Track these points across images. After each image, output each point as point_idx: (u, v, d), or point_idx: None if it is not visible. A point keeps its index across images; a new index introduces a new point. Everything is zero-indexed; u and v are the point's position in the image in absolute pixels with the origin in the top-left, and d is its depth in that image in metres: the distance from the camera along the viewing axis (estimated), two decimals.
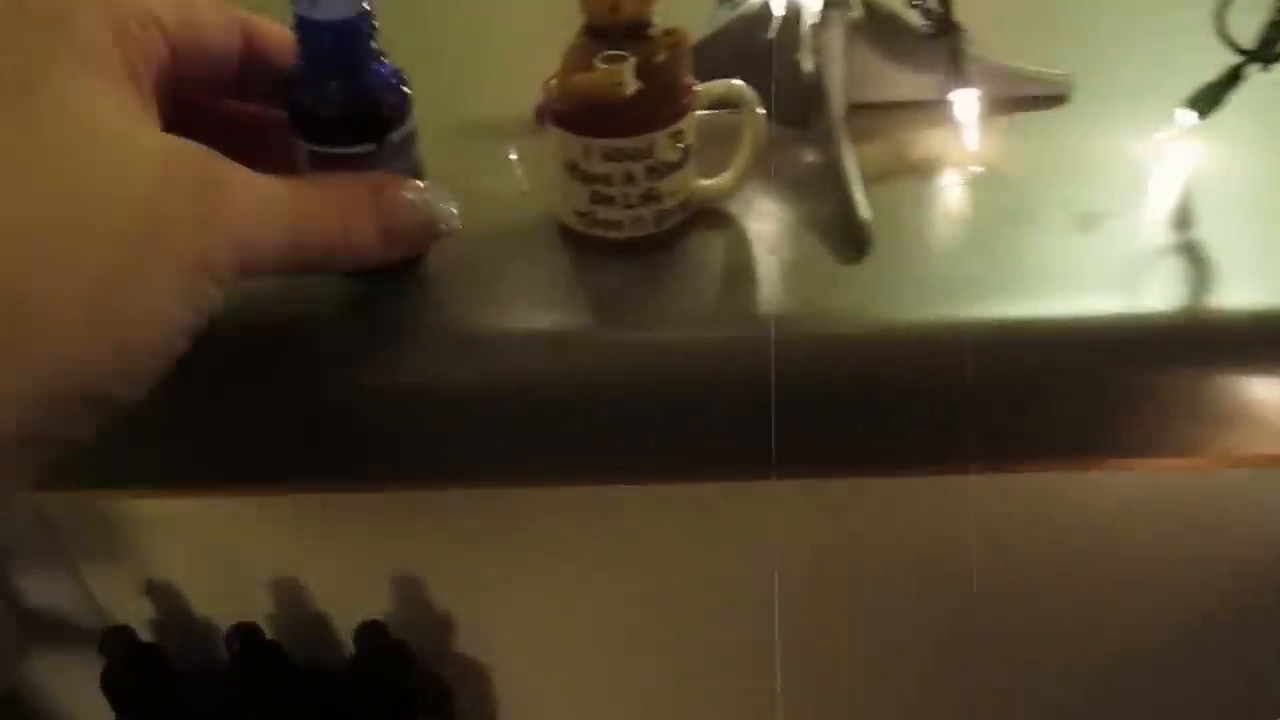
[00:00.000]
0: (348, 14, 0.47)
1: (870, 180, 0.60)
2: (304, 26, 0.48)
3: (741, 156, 0.58)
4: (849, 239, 0.56)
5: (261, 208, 0.43)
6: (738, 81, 0.56)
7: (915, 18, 0.67)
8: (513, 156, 0.65)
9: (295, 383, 0.52)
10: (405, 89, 0.51)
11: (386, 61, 0.51)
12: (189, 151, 0.41)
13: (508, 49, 0.81)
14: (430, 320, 0.53)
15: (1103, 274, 0.55)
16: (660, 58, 0.52)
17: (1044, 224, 0.58)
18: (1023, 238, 0.57)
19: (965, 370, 0.51)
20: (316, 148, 0.50)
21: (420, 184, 0.51)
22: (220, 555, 0.66)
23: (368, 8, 0.49)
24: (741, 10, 0.66)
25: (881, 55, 0.67)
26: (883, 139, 0.66)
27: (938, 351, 0.52)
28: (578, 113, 0.53)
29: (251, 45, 0.49)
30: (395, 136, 0.51)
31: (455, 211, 0.52)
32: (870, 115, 0.67)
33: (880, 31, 0.66)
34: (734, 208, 0.60)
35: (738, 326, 0.52)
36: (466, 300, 0.54)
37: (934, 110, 0.68)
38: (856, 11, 0.63)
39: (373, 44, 0.49)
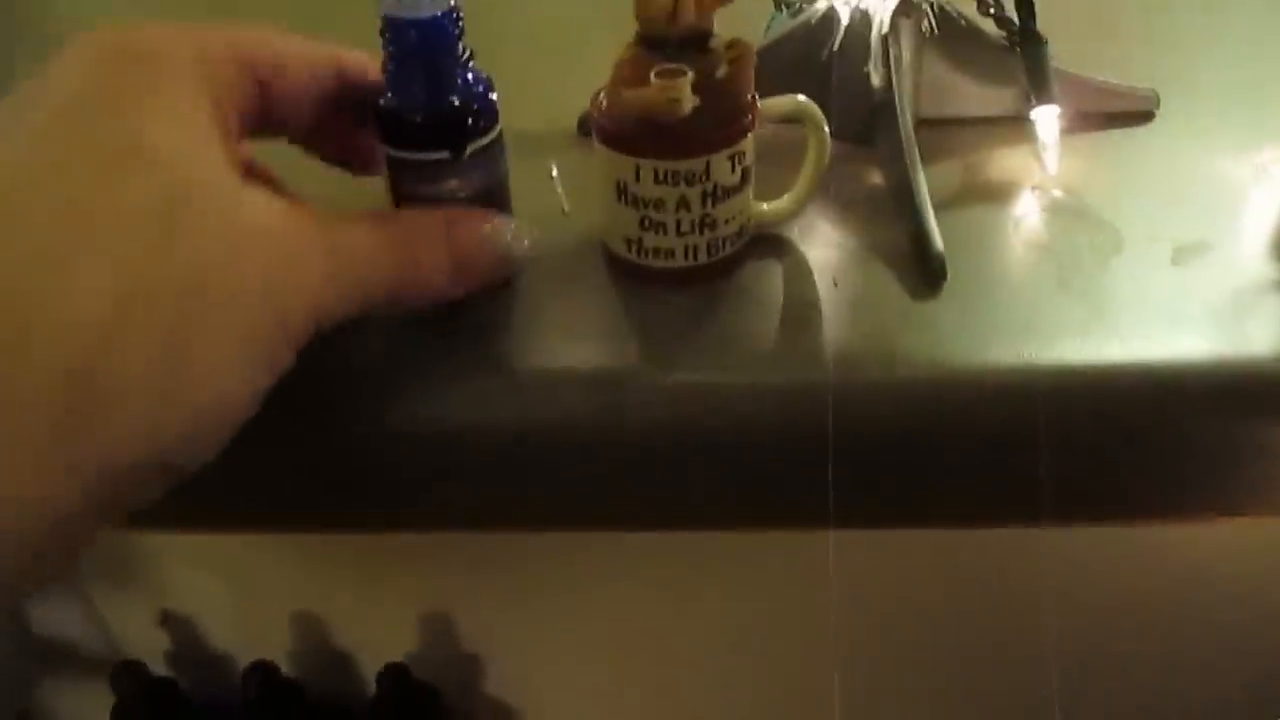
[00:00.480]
0: (433, 12, 0.45)
1: (941, 204, 0.55)
2: (390, 26, 0.45)
3: (804, 179, 0.53)
4: (921, 271, 0.52)
5: (338, 269, 0.41)
6: (803, 98, 0.51)
7: (991, 27, 0.62)
8: (553, 173, 0.61)
9: (325, 424, 0.48)
10: (492, 96, 0.48)
11: (475, 67, 0.48)
12: (266, 213, 0.39)
13: (550, 54, 0.76)
14: (464, 358, 0.49)
15: (1201, 313, 0.50)
16: (721, 72, 0.47)
17: (1134, 256, 0.53)
18: (1111, 272, 0.52)
19: (1046, 419, 0.47)
20: (395, 152, 0.47)
21: (493, 217, 0.48)
22: (239, 588, 0.63)
23: (454, 4, 0.45)
24: (803, 18, 0.61)
25: (953, 67, 0.62)
26: (954, 158, 0.61)
27: (1016, 398, 0.47)
28: (629, 131, 0.48)
29: (344, 77, 0.48)
30: (476, 146, 0.47)
31: (527, 243, 0.50)
32: (939, 131, 0.62)
33: (953, 42, 0.61)
34: (792, 233, 0.55)
35: (797, 369, 0.48)
36: (503, 336, 0.49)
37: (1008, 127, 0.63)
38: (928, 21, 0.58)
39: (460, 46, 0.47)
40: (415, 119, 0.46)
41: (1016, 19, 0.60)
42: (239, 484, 0.50)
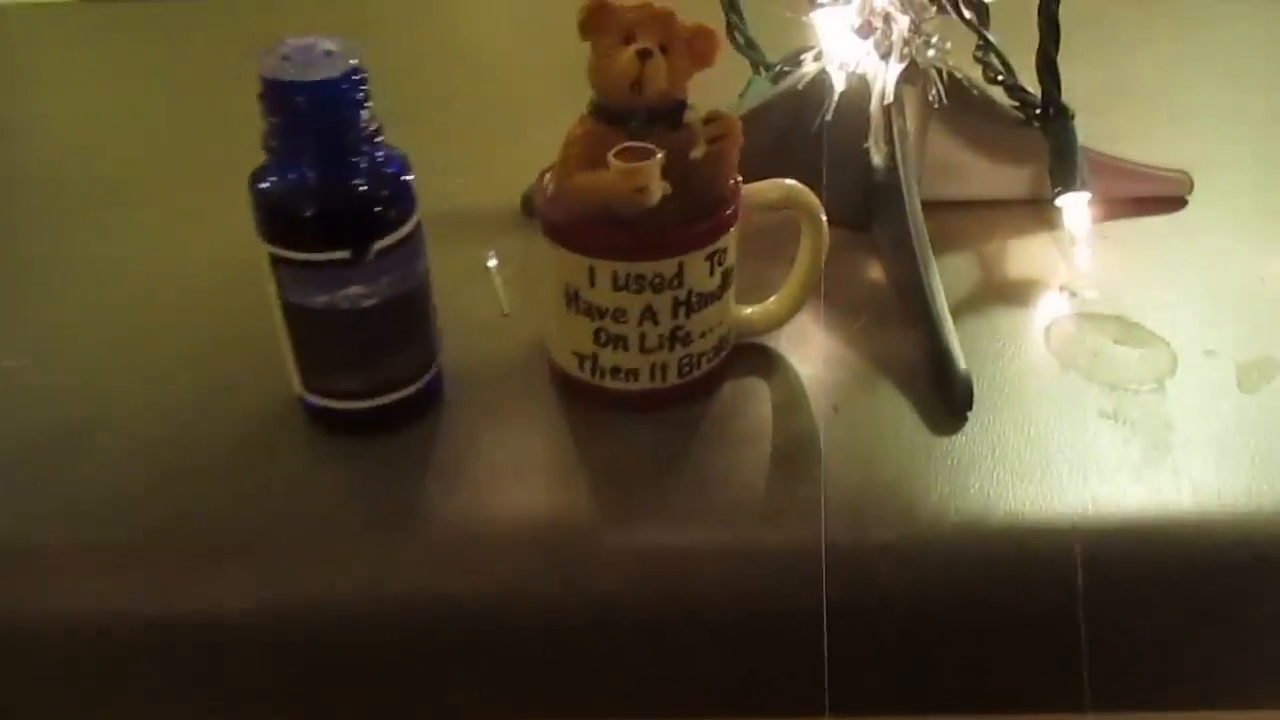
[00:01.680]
0: (329, 74, 0.35)
1: (955, 308, 0.46)
2: (271, 91, 0.35)
3: (795, 280, 0.44)
4: (940, 396, 0.42)
5: None
6: (794, 183, 0.42)
7: (1002, 96, 0.54)
8: (491, 263, 0.51)
9: (200, 594, 0.37)
10: (407, 179, 0.38)
11: (385, 143, 0.37)
12: None
13: (491, 115, 0.67)
14: (376, 507, 0.38)
15: (1273, 451, 0.40)
16: (698, 152, 0.37)
17: (1192, 377, 0.44)
18: (1167, 397, 0.43)
19: (1097, 585, 0.37)
20: (280, 250, 0.37)
21: None
22: None
23: (356, 66, 0.35)
24: (788, 83, 0.52)
25: (963, 143, 0.53)
26: (965, 249, 0.52)
27: (1059, 560, 0.38)
28: (582, 225, 0.38)
29: None
30: (385, 243, 0.37)
31: None
32: (946, 215, 0.52)
33: (963, 114, 0.52)
34: (780, 343, 0.46)
35: (790, 525, 0.38)
36: (423, 479, 0.39)
37: (1023, 212, 0.54)
38: (936, 89, 0.49)
39: (364, 117, 0.36)
40: (305, 210, 0.36)
41: (1039, 89, 0.51)
42: (103, 674, 0.39)
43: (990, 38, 0.53)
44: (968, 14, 0.51)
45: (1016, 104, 0.54)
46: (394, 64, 0.73)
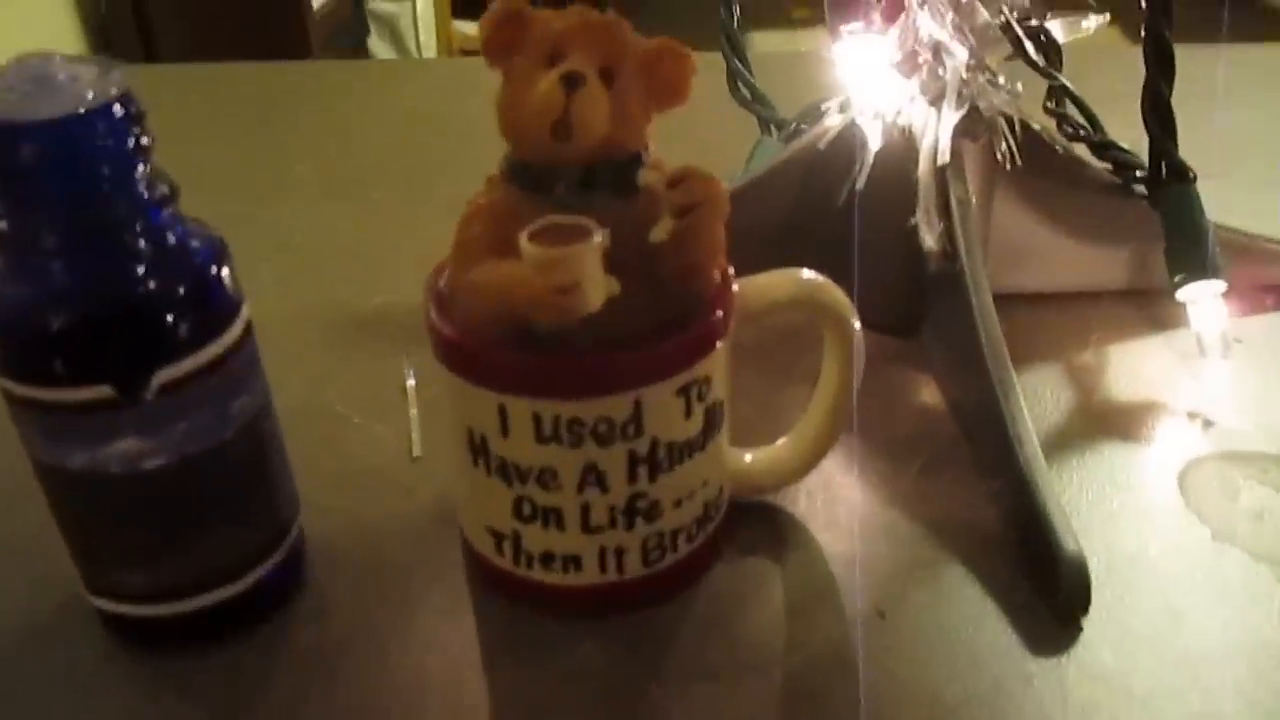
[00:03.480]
0: (71, 110, 0.22)
1: (1042, 446, 0.32)
2: None
3: (816, 415, 0.30)
4: (1039, 588, 0.28)
5: None
6: (812, 276, 0.28)
7: (1085, 154, 0.40)
8: (409, 382, 0.38)
9: None
10: (219, 272, 0.25)
11: (180, 215, 0.25)
12: None
13: (441, 183, 0.54)
14: None
15: None
16: (662, 231, 0.24)
17: None
18: None
19: None
20: (14, 386, 0.24)
21: None
22: None
23: (119, 92, 0.23)
24: (806, 140, 0.39)
25: (1040, 215, 0.40)
26: (1046, 360, 0.38)
27: None
28: (485, 343, 0.25)
29: None
30: (177, 373, 0.24)
31: None
32: (1016, 313, 0.39)
33: (1040, 178, 0.38)
34: (798, 504, 0.32)
35: None
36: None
37: (1123, 307, 0.41)
38: (1006, 143, 0.36)
39: (140, 172, 0.24)
40: (47, 325, 0.23)
41: (1147, 147, 0.38)
42: None
43: (1067, 83, 0.40)
44: (1034, 54, 0.38)
45: (1111, 165, 0.40)
46: (326, 126, 0.61)
